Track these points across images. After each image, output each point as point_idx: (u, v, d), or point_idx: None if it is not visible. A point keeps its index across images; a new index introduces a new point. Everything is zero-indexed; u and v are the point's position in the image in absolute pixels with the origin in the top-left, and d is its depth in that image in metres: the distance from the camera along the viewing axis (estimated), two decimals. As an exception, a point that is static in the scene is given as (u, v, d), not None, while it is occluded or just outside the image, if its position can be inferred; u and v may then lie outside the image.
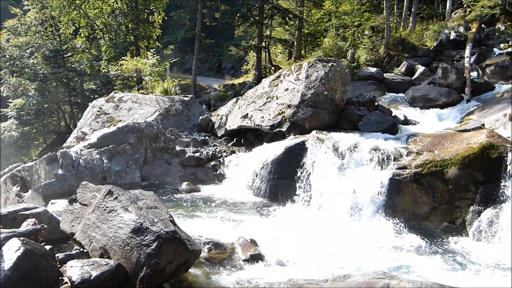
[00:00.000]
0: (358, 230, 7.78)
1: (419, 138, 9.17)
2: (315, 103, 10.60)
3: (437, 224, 7.90)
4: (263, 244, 6.78)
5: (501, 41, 16.69)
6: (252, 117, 11.65)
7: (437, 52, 17.37)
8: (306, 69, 11.11)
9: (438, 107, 12.77)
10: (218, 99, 17.91)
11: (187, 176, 10.85)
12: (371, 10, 22.53)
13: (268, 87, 11.99)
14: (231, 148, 11.92)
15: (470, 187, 7.73)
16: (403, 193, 8.10)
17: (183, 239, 4.85)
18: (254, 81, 18.84)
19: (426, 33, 18.89)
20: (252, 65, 22.76)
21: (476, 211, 7.56)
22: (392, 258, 6.53)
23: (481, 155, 7.71)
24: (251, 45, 21.77)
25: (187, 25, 30.08)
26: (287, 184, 9.38)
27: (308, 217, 8.45)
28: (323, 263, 6.20)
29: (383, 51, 18.03)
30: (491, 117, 10.31)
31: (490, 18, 18.49)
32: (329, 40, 20.23)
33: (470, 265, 6.46)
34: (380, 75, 15.80)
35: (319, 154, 9.15)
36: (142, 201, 5.26)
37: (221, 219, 8.20)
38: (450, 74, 13.49)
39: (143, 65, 18.47)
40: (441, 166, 7.95)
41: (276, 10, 20.81)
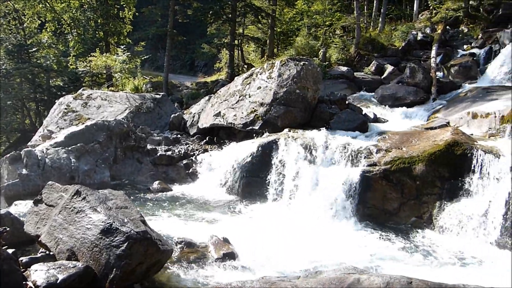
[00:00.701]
0: (329, 226, 7.90)
1: (388, 135, 9.39)
2: (287, 102, 10.67)
3: (406, 219, 8.12)
4: (236, 243, 6.78)
5: (464, 42, 17.28)
6: (224, 115, 11.61)
7: (405, 52, 17.81)
8: (279, 67, 11.16)
9: (406, 106, 13.10)
10: (191, 97, 17.76)
11: (158, 175, 10.71)
12: (342, 10, 22.85)
13: (241, 85, 11.99)
14: (203, 147, 11.84)
15: (437, 183, 7.98)
16: (373, 189, 8.28)
17: (154, 239, 4.79)
18: (227, 79, 18.80)
19: (395, 34, 19.32)
20: (225, 63, 22.69)
21: (442, 206, 7.81)
22: (362, 254, 6.67)
23: (447, 152, 7.96)
24: (223, 43, 21.69)
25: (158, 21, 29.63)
26: (260, 182, 9.41)
27: (280, 214, 8.51)
28: (296, 260, 6.25)
29: (354, 51, 18.33)
30: (456, 115, 10.66)
31: (455, 20, 19.10)
32: (301, 39, 20.40)
33: (436, 258, 6.68)
34: (351, 74, 16.05)
35: (291, 152, 9.22)
36: (111, 201, 5.16)
37: (193, 218, 8.14)
38: (417, 74, 13.86)
39: (113, 62, 18.08)
40: (409, 163, 8.16)
41: (248, 8, 20.81)
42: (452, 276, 5.87)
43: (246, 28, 23.31)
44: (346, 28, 21.24)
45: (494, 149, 7.69)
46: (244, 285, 4.51)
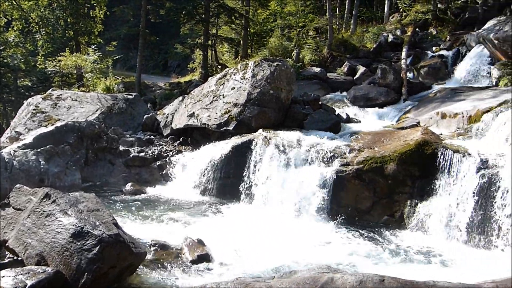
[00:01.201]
0: (303, 226, 7.96)
1: (361, 135, 9.55)
2: (261, 102, 10.70)
3: (378, 218, 8.28)
4: (211, 244, 6.75)
5: (433, 44, 17.78)
6: (198, 116, 11.54)
7: (377, 54, 18.16)
8: (252, 68, 11.18)
9: (378, 106, 13.36)
10: (164, 98, 17.55)
11: (131, 177, 10.53)
12: (315, 11, 23.10)
13: (215, 86, 11.94)
14: (177, 148, 11.72)
15: (408, 181, 8.16)
16: (346, 189, 8.40)
17: (127, 242, 4.71)
18: (201, 80, 18.67)
19: (366, 35, 19.68)
20: (199, 64, 22.54)
21: (413, 204, 8.00)
22: (336, 252, 6.75)
23: (417, 151, 8.16)
24: (197, 43, 21.55)
25: (130, 21, 29.18)
26: (234, 182, 9.40)
27: (255, 215, 8.52)
28: (270, 260, 6.27)
29: (327, 52, 18.56)
30: (426, 115, 10.95)
31: (424, 22, 19.63)
32: (274, 40, 20.50)
33: (408, 255, 6.83)
34: (324, 75, 16.24)
35: (265, 152, 9.25)
36: (82, 203, 5.04)
37: (167, 220, 8.05)
38: (388, 75, 14.16)
39: (84, 62, 17.67)
40: (381, 162, 8.32)
41: (222, 9, 20.75)
42: (423, 273, 6.01)
43: (220, 29, 23.23)
44: (319, 30, 21.50)
45: (462, 148, 7.93)
46: (219, 287, 4.49)
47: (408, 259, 6.71)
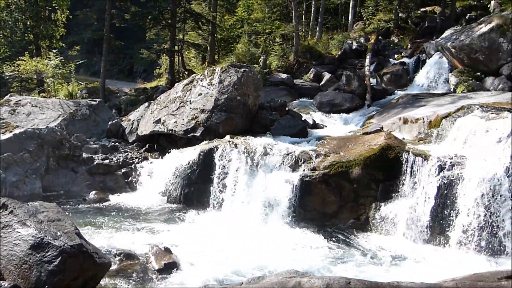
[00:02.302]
0: (271, 231, 7.99)
1: (327, 141, 9.70)
2: (228, 108, 10.69)
3: (345, 221, 8.42)
4: (178, 252, 6.67)
5: (395, 52, 18.38)
6: (165, 122, 11.39)
7: (342, 60, 18.56)
8: (219, 74, 11.16)
9: (343, 112, 13.63)
10: (129, 104, 17.22)
11: (95, 185, 10.24)
12: (281, 18, 23.37)
13: (181, 92, 11.83)
14: (143, 154, 11.52)
15: (372, 185, 8.35)
16: (313, 193, 8.50)
17: (91, 252, 4.57)
18: (167, 85, 18.44)
19: (332, 42, 20.08)
20: (165, 69, 22.28)
21: (377, 207, 8.19)
22: (304, 257, 6.81)
23: (381, 156, 8.37)
24: (163, 49, 21.30)
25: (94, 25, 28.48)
26: (202, 189, 9.32)
27: (223, 221, 8.48)
28: (238, 266, 6.25)
29: (293, 58, 18.79)
30: (388, 120, 11.27)
31: (386, 31, 20.28)
32: (242, 46, 20.57)
33: (373, 257, 6.99)
34: (290, 81, 16.42)
35: (232, 158, 9.23)
36: (42, 213, 4.85)
37: (133, 229, 7.88)
38: (353, 81, 14.49)
39: (45, 66, 17.06)
40: (346, 167, 8.48)
41: (188, 14, 20.63)
42: (388, 274, 6.17)
43: (187, 34, 23.08)
44: (286, 36, 21.76)
45: (423, 152, 8.20)
46: (187, 295, 4.42)
47: (374, 260, 6.86)
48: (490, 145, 7.73)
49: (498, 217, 6.94)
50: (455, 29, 15.62)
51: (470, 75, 12.93)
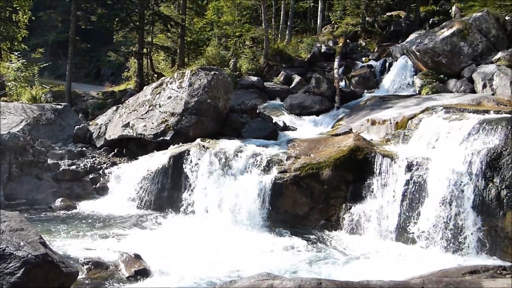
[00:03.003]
0: (244, 234, 7.98)
1: (297, 143, 9.78)
2: (198, 111, 10.61)
3: (316, 222, 8.51)
4: (149, 258, 6.55)
5: (363, 55, 18.79)
6: (134, 126, 11.19)
7: (311, 63, 18.81)
8: (189, 77, 11.07)
9: (313, 114, 13.78)
10: (97, 107, 16.82)
11: (61, 192, 9.92)
12: (251, 21, 23.45)
13: (151, 95, 11.66)
14: (112, 159, 11.26)
15: (342, 186, 8.48)
16: (285, 195, 8.55)
17: (57, 262, 4.42)
18: (136, 89, 18.12)
19: (301, 46, 20.31)
20: (134, 72, 21.89)
21: (347, 207, 8.32)
22: (276, 259, 6.84)
23: (350, 157, 8.52)
24: (131, 51, 20.94)
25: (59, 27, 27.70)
26: (173, 193, 9.21)
27: (194, 225, 8.40)
28: (210, 271, 6.21)
29: (263, 61, 18.88)
30: (357, 122, 11.48)
31: (354, 34, 20.70)
32: (212, 49, 20.49)
33: (344, 257, 7.10)
34: (261, 84, 16.48)
35: (203, 161, 9.17)
36: (4, 223, 4.65)
37: (102, 236, 7.69)
38: (322, 84, 14.69)
39: (6, 69, 16.44)
40: (317, 169, 8.57)
41: (157, 17, 20.37)
42: (359, 273, 6.26)
43: (155, 37, 22.77)
44: (256, 39, 21.83)
45: (391, 153, 8.40)
46: (158, 302, 4.35)
47: (345, 260, 6.96)
48: (453, 145, 8.00)
49: (462, 216, 7.18)
50: (419, 33, 16.12)
51: (434, 77, 13.35)
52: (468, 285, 3.99)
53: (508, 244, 6.99)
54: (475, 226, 7.11)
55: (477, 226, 7.10)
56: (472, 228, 7.11)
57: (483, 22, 13.28)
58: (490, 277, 4.36)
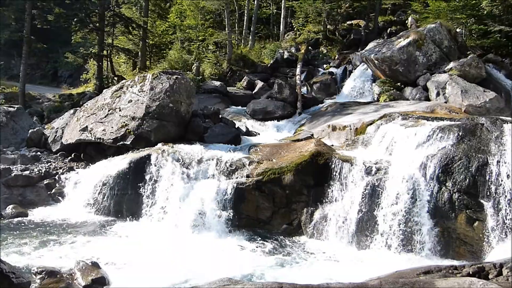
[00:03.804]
0: (205, 240, 7.91)
1: (260, 148, 9.84)
2: (160, 115, 10.46)
3: (278, 226, 8.58)
4: (107, 266, 6.37)
5: (324, 62, 19.21)
6: (92, 130, 10.87)
7: (274, 69, 19.02)
8: (151, 80, 10.90)
9: (276, 119, 13.94)
10: (53, 110, 16.20)
11: (13, 198, 9.46)
12: (215, 26, 23.42)
13: (110, 98, 11.38)
14: (68, 164, 10.87)
15: (304, 190, 8.60)
16: (247, 200, 8.57)
17: (6, 272, 4.21)
18: (95, 92, 17.62)
19: (264, 51, 20.50)
20: (93, 74, 21.29)
21: (309, 211, 8.44)
22: (238, 264, 6.82)
23: (311, 162, 8.66)
24: (91, 53, 20.35)
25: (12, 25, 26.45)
26: (133, 199, 9.00)
27: (155, 231, 8.25)
28: (171, 277, 6.12)
29: (226, 66, 18.90)
30: (318, 128, 11.70)
31: (316, 41, 21.15)
32: (174, 52, 20.28)
33: (305, 260, 7.20)
34: (224, 89, 16.48)
35: (165, 167, 9.04)
36: (-51, 232, 4.39)
37: (57, 244, 7.40)
38: (284, 90, 14.88)
39: (-46, 69, 15.57)
40: (279, 173, 8.65)
41: (118, 18, 19.94)
42: (318, 276, 6.37)
43: (116, 39, 22.27)
44: (219, 44, 21.82)
45: (350, 158, 8.61)
46: (115, 311, 4.22)
47: (306, 263, 7.06)
48: (410, 151, 8.32)
49: (417, 218, 7.46)
50: (378, 42, 16.70)
51: (392, 85, 13.84)
52: (422, 285, 4.14)
53: (459, 245, 7.34)
54: (429, 228, 7.40)
55: (432, 228, 7.40)
56: (426, 230, 7.40)
57: (437, 33, 13.92)
58: (442, 276, 4.55)
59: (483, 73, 12.88)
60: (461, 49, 14.35)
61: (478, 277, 4.44)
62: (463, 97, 11.72)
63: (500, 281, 4.29)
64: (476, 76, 12.73)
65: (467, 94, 11.77)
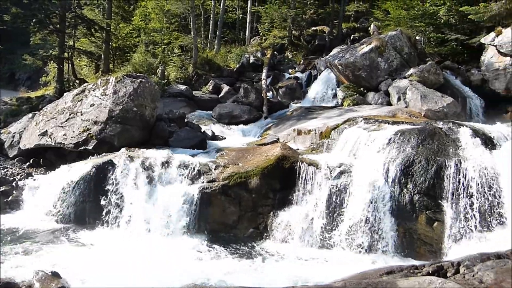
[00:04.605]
0: (171, 246, 7.79)
1: (226, 152, 9.82)
2: (124, 120, 10.25)
3: (244, 231, 8.57)
4: (69, 276, 6.13)
5: (289, 67, 19.48)
6: (52, 134, 10.50)
7: (240, 73, 19.09)
8: (114, 84, 10.66)
9: (242, 123, 13.97)
10: (10, 114, 15.51)
11: (-34, 207, 9.00)
12: (180, 29, 23.25)
13: (72, 102, 11.04)
14: (27, 170, 10.45)
15: (270, 194, 8.65)
16: (213, 205, 8.52)
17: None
18: (55, 95, 17.01)
19: (230, 56, 20.54)
20: (53, 77, 20.58)
21: (275, 215, 8.48)
22: (203, 269, 6.76)
23: (277, 166, 8.73)
24: (51, 55, 19.66)
25: (-37, 25, 25.22)
26: (95, 206, 8.73)
27: (119, 238, 8.05)
28: (135, 285, 5.97)
29: (192, 70, 18.78)
30: (284, 132, 11.81)
31: (281, 46, 21.43)
32: (139, 55, 19.95)
33: (271, 264, 7.21)
34: (189, 93, 16.37)
35: (129, 172, 8.85)
36: None
37: (14, 254, 7.09)
38: (250, 94, 14.96)
39: None
40: (245, 177, 8.66)
41: (80, 20, 19.38)
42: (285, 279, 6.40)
43: (78, 41, 21.65)
44: (184, 48, 21.67)
45: (315, 161, 8.73)
46: (77, 322, 4.08)
47: (272, 267, 7.08)
48: (372, 154, 8.54)
49: (380, 220, 7.66)
50: (342, 48, 17.10)
51: (355, 90, 14.19)
52: (385, 285, 4.25)
53: (420, 245, 7.59)
54: (392, 229, 7.62)
55: (394, 229, 7.62)
56: (389, 231, 7.61)
57: (397, 40, 14.40)
58: (404, 276, 4.69)
59: (441, 79, 13.44)
60: (421, 56, 14.91)
61: (437, 275, 4.61)
62: (423, 102, 12.17)
63: (457, 279, 4.47)
64: (435, 82, 13.26)
65: (426, 99, 12.23)
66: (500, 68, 13.38)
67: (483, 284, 4.22)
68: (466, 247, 6.89)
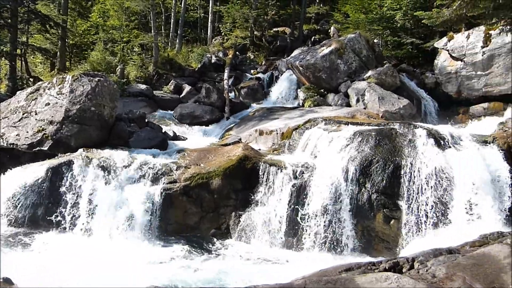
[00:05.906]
0: (131, 248, 7.64)
1: (187, 153, 9.73)
2: (81, 120, 9.92)
3: (206, 231, 8.54)
4: (22, 282, 5.86)
5: (251, 67, 19.58)
6: (4, 135, 10.01)
7: (202, 73, 18.98)
8: (70, 82, 10.30)
9: (204, 124, 13.89)
10: (-44, 113, 14.66)
11: None
12: (140, 28, 22.81)
13: (25, 101, 10.56)
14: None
15: (231, 194, 8.66)
16: (175, 206, 8.43)
17: None
18: (7, 93, 16.20)
19: (192, 55, 20.36)
20: (5, 75, 19.58)
21: (237, 215, 8.51)
22: (165, 271, 6.69)
23: (239, 166, 8.74)
24: (2, 52, 18.72)
25: None
26: (51, 209, 8.40)
27: (77, 242, 7.79)
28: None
29: (153, 69, 18.46)
30: (246, 132, 11.85)
31: (243, 47, 21.50)
32: (97, 53, 19.40)
33: (233, 264, 7.21)
34: (150, 92, 16.09)
35: (87, 173, 8.58)
36: None
37: (-40, 261, 6.68)
38: (212, 94, 14.89)
39: None
40: (207, 178, 8.62)
41: (33, 15, 18.56)
42: (246, 279, 6.44)
43: (32, 37, 20.75)
44: (145, 46, 21.27)
45: (277, 162, 8.82)
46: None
47: (234, 267, 7.08)
48: (332, 154, 8.72)
49: (340, 218, 7.85)
50: (303, 49, 17.38)
51: (316, 91, 14.45)
52: (343, 281, 4.36)
53: (378, 242, 7.83)
54: (351, 227, 7.82)
55: (353, 227, 7.82)
56: (348, 230, 7.80)
57: (356, 43, 14.80)
58: (362, 273, 4.83)
59: (398, 82, 13.94)
60: (378, 58, 15.39)
61: (393, 271, 4.78)
62: (380, 103, 12.57)
63: (412, 274, 4.65)
64: (392, 84, 13.73)
65: (384, 101, 12.65)
66: (452, 71, 14.06)
67: (435, 278, 4.43)
68: (421, 243, 7.17)
